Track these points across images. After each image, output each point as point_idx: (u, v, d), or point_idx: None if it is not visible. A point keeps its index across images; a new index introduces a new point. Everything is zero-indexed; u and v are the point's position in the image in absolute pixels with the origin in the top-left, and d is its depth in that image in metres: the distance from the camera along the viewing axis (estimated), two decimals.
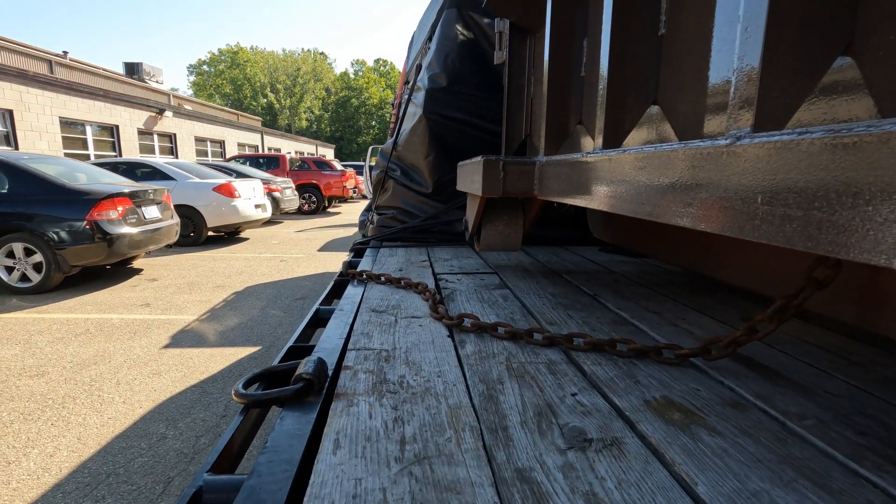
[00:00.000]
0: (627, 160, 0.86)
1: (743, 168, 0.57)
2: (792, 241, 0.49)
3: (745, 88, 0.63)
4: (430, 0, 3.32)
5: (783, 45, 0.59)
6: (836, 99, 0.57)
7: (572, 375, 0.91)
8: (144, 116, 15.57)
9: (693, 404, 0.80)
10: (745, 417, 0.75)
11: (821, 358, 1.04)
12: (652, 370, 0.94)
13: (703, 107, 0.82)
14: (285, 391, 0.76)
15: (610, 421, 0.73)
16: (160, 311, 4.68)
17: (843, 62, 0.57)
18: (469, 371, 0.92)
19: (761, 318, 0.85)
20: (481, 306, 1.40)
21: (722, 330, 1.22)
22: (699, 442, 0.68)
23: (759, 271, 1.17)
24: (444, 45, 2.61)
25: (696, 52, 0.85)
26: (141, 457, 2.42)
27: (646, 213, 0.79)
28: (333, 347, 1.03)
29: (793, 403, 0.81)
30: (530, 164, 1.46)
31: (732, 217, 0.58)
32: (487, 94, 2.55)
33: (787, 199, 0.50)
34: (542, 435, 0.69)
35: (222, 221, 8.67)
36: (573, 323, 1.26)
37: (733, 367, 0.97)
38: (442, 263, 2.06)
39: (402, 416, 0.73)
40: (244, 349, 3.82)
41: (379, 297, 1.46)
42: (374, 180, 2.93)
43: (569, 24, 1.42)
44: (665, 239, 1.58)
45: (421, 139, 2.60)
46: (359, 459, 0.61)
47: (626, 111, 1.06)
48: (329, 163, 16.53)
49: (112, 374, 3.33)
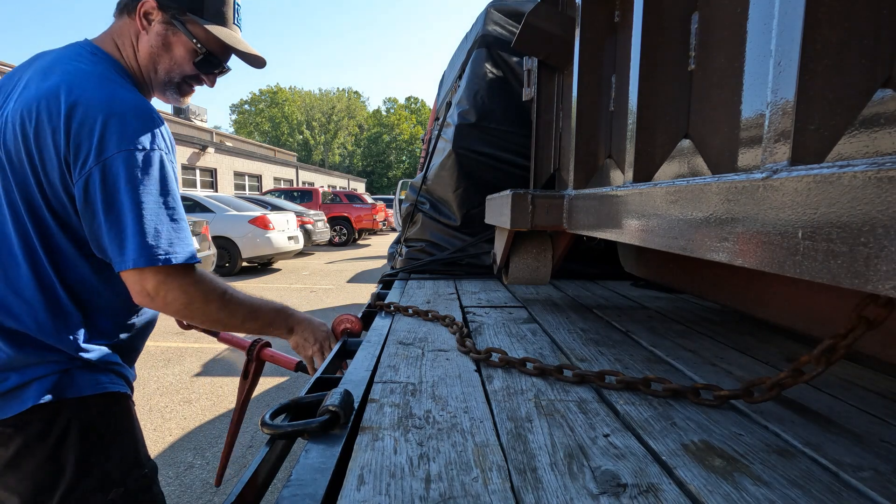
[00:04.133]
0: (659, 194, 0.85)
1: (781, 202, 0.55)
2: (837, 279, 0.47)
3: (780, 122, 0.62)
4: (461, 41, 3.45)
5: (819, 79, 0.58)
6: (879, 131, 0.55)
7: (604, 415, 0.88)
8: (189, 153, 16.45)
9: (735, 450, 0.75)
10: (794, 466, 0.70)
11: (876, 404, 0.97)
12: (689, 412, 0.90)
13: (736, 140, 0.81)
14: (311, 423, 0.76)
15: (645, 465, 0.70)
16: (193, 340, 4.80)
17: (884, 94, 0.56)
18: (497, 407, 0.90)
19: (807, 360, 0.80)
20: (509, 340, 1.38)
21: (764, 371, 1.16)
22: (743, 492, 0.63)
23: (805, 310, 1.11)
24: (473, 82, 2.68)
25: (728, 87, 0.84)
26: (168, 486, 2.43)
27: (679, 248, 0.77)
28: (360, 379, 1.02)
29: (846, 453, 0.75)
30: (559, 198, 1.46)
31: (772, 252, 0.56)
32: (516, 130, 2.59)
33: (830, 234, 0.48)
34: (573, 478, 0.66)
35: (256, 252, 8.93)
36: (605, 360, 1.22)
37: (778, 411, 0.91)
38: (470, 296, 2.05)
39: (428, 453, 0.71)
40: (272, 379, 3.85)
41: (406, 330, 1.46)
42: (403, 213, 2.98)
43: (597, 60, 1.44)
44: (701, 274, 1.53)
45: (450, 173, 2.64)
46: (383, 497, 0.60)
47: (657, 145, 1.05)
48: (360, 196, 16.96)
49: (145, 401, 3.40)
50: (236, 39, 1.05)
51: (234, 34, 1.06)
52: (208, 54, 1.04)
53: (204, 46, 1.02)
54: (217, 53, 1.06)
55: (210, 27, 1.01)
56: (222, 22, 1.05)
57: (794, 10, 0.59)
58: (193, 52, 1.02)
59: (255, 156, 21.81)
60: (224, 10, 1.04)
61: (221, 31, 1.03)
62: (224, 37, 1.03)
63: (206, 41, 1.02)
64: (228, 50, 1.07)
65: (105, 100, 0.88)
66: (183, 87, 1.08)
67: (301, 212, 11.72)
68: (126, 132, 0.87)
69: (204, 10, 1.01)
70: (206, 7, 1.01)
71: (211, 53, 1.04)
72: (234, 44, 1.04)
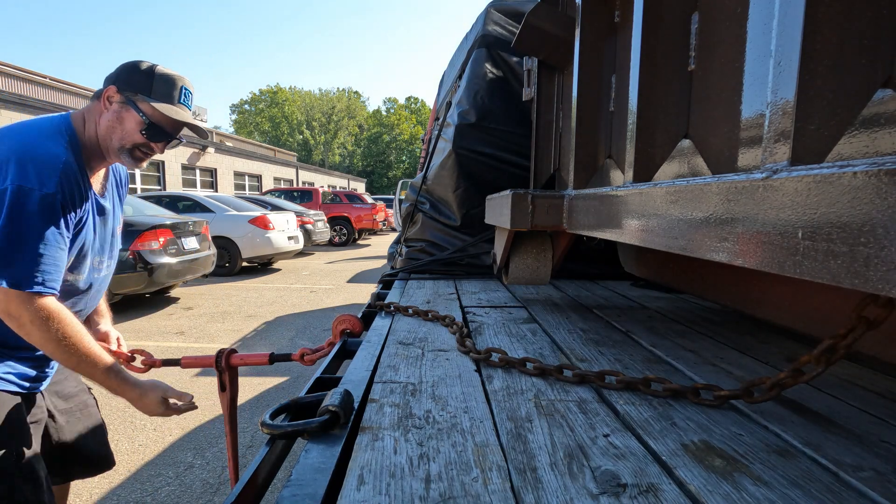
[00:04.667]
0: (659, 194, 0.85)
1: (781, 202, 0.55)
2: (838, 278, 0.47)
3: (780, 122, 0.62)
4: (461, 41, 3.45)
5: (819, 79, 0.58)
6: (879, 131, 0.55)
7: (604, 415, 0.88)
8: (188, 153, 16.45)
9: (735, 450, 0.75)
10: (794, 467, 0.70)
11: (876, 404, 0.97)
12: (689, 412, 0.90)
13: (736, 140, 0.81)
14: (311, 423, 0.76)
15: (645, 465, 0.70)
16: (193, 340, 4.80)
17: (883, 94, 0.56)
18: (496, 407, 0.90)
19: (808, 360, 0.80)
20: (509, 340, 1.38)
21: (764, 371, 1.16)
22: (743, 492, 0.63)
23: (805, 310, 1.11)
24: (473, 82, 2.68)
25: (728, 87, 0.84)
26: (168, 486, 2.43)
27: (679, 248, 0.77)
28: (360, 379, 1.02)
29: (847, 453, 0.75)
30: (559, 198, 1.46)
31: (771, 252, 0.56)
32: (515, 130, 2.59)
33: (830, 234, 0.48)
34: (573, 478, 0.66)
35: (256, 252, 8.92)
36: (605, 360, 1.22)
37: (778, 411, 0.91)
38: (470, 296, 2.05)
39: (428, 453, 0.71)
40: (272, 379, 3.85)
41: (406, 330, 1.46)
42: (403, 213, 2.98)
43: (597, 60, 1.44)
44: (701, 274, 1.53)
45: (450, 173, 2.64)
46: (382, 496, 0.60)
47: (657, 145, 1.05)
48: (360, 196, 16.95)
49: None
50: (177, 112, 1.30)
51: (178, 110, 1.31)
52: (152, 125, 1.28)
53: (147, 118, 1.27)
54: (161, 125, 1.29)
55: (156, 104, 1.26)
56: (168, 101, 1.30)
57: (794, 10, 0.59)
58: (140, 124, 1.27)
59: (255, 156, 21.81)
60: (172, 93, 1.31)
61: (165, 107, 1.28)
62: (165, 111, 1.27)
63: (151, 115, 1.27)
64: (172, 123, 1.31)
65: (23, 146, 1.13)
66: (135, 153, 1.30)
67: (301, 212, 11.71)
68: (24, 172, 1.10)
69: (152, 92, 1.28)
70: (154, 90, 1.28)
71: (154, 125, 1.28)
72: (172, 115, 1.28)
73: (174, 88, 1.31)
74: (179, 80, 1.33)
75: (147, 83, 1.27)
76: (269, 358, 1.51)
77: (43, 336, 1.15)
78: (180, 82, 1.33)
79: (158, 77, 1.29)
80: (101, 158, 1.31)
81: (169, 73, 1.31)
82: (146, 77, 1.28)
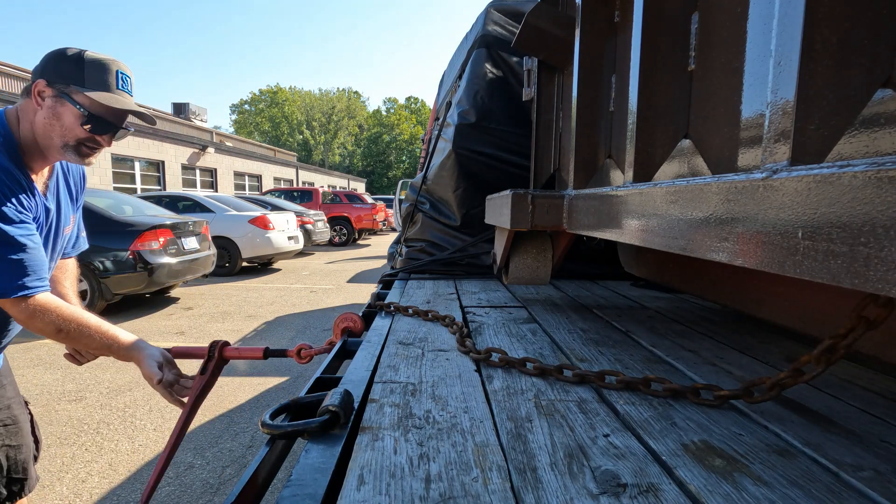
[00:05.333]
0: (659, 194, 0.85)
1: (781, 202, 0.55)
2: (837, 278, 0.47)
3: (780, 122, 0.62)
4: (461, 41, 3.45)
5: (819, 79, 0.58)
6: (879, 131, 0.55)
7: (604, 415, 0.88)
8: (188, 153, 16.45)
9: (735, 450, 0.75)
10: (794, 466, 0.70)
11: (876, 404, 0.97)
12: (689, 412, 0.90)
13: (736, 140, 0.81)
14: (311, 423, 0.76)
15: (645, 465, 0.70)
16: (193, 340, 4.80)
17: (883, 94, 0.56)
18: (497, 407, 0.90)
19: (807, 359, 0.80)
20: (509, 340, 1.38)
21: (764, 371, 1.16)
22: (743, 492, 0.63)
23: (805, 310, 1.12)
24: (473, 82, 2.68)
25: (728, 87, 0.84)
26: (168, 486, 2.43)
27: (679, 248, 0.77)
28: (360, 379, 1.02)
29: (847, 453, 0.75)
30: (559, 198, 1.46)
31: (772, 252, 0.56)
32: (515, 130, 2.59)
33: (830, 234, 0.48)
34: (573, 478, 0.66)
35: (256, 252, 8.92)
36: (605, 360, 1.22)
37: (778, 411, 0.91)
38: (470, 296, 2.05)
39: (428, 453, 0.71)
40: (272, 379, 3.85)
41: (406, 330, 1.46)
42: (403, 213, 2.98)
43: (597, 60, 1.44)
44: (701, 274, 1.53)
45: (450, 173, 2.64)
46: (382, 496, 0.60)
47: (657, 145, 1.05)
48: (360, 196, 16.95)
49: (145, 401, 3.40)
50: (117, 100, 1.20)
51: (118, 97, 1.22)
52: (92, 116, 1.19)
53: (86, 110, 1.18)
54: (103, 116, 1.21)
55: (93, 94, 1.17)
56: (105, 89, 1.20)
57: (794, 10, 0.59)
58: (79, 117, 1.18)
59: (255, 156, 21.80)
60: (107, 79, 1.21)
61: (104, 95, 1.19)
62: (105, 100, 1.18)
63: (90, 106, 1.18)
64: (114, 112, 1.22)
65: None
66: (81, 149, 1.22)
67: (301, 212, 11.70)
68: None
69: (86, 81, 1.18)
70: (86, 78, 1.18)
71: (95, 116, 1.19)
72: (113, 104, 1.19)
73: (109, 74, 1.21)
74: (113, 65, 1.23)
75: (78, 72, 1.17)
76: (263, 352, 1.49)
77: (42, 328, 1.18)
78: (114, 66, 1.23)
79: (89, 63, 1.18)
80: (41, 158, 1.24)
81: (100, 58, 1.21)
82: (76, 65, 1.17)
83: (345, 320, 1.51)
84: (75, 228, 1.49)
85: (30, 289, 1.14)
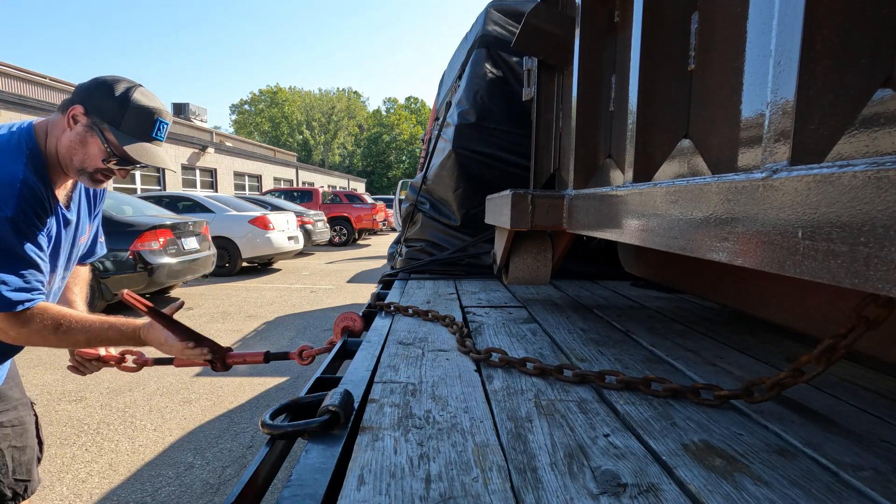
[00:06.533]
0: (659, 193, 0.85)
1: (781, 202, 0.55)
2: (837, 278, 0.47)
3: (780, 122, 0.62)
4: (461, 41, 3.45)
5: (819, 79, 0.58)
6: (879, 131, 0.55)
7: (604, 415, 0.88)
8: (188, 153, 16.44)
9: (735, 450, 0.75)
10: (794, 466, 0.70)
11: (876, 404, 0.97)
12: (689, 412, 0.90)
13: (736, 140, 0.81)
14: (311, 423, 0.76)
15: (645, 465, 0.70)
16: None
17: (883, 94, 0.56)
18: (497, 407, 0.90)
19: (808, 359, 0.80)
20: (509, 340, 1.38)
21: (764, 371, 1.16)
22: (743, 492, 0.63)
23: (805, 309, 1.12)
24: (473, 82, 2.68)
25: (728, 87, 0.84)
26: (168, 486, 2.43)
27: (679, 248, 0.77)
28: (360, 379, 1.02)
29: (847, 453, 0.75)
30: (559, 198, 1.46)
31: (771, 252, 0.56)
32: (515, 130, 2.59)
33: (830, 234, 0.48)
34: (573, 478, 0.66)
35: (256, 252, 8.92)
36: (605, 360, 1.22)
37: (778, 410, 0.91)
38: (470, 296, 2.05)
39: (428, 453, 0.71)
40: (272, 379, 3.85)
41: (406, 330, 1.46)
42: (403, 213, 2.98)
43: (597, 60, 1.44)
44: (701, 274, 1.53)
45: (450, 173, 2.64)
46: (383, 497, 0.60)
47: (657, 145, 1.05)
48: (360, 196, 16.95)
49: (145, 402, 3.40)
50: (144, 154, 1.21)
51: (146, 147, 1.22)
52: (116, 155, 1.20)
53: (113, 152, 1.19)
54: (127, 158, 1.21)
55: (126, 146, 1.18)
56: (139, 137, 1.21)
57: (794, 10, 0.59)
58: (103, 153, 1.19)
59: (254, 156, 21.79)
60: (145, 129, 1.21)
61: (135, 148, 1.20)
62: (134, 153, 1.19)
63: (116, 148, 1.19)
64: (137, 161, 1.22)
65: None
66: (95, 175, 1.23)
67: (301, 212, 11.70)
68: None
69: (123, 125, 1.18)
70: (125, 122, 1.18)
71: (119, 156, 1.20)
72: (139, 158, 1.20)
73: (148, 123, 1.21)
74: (156, 114, 1.23)
75: (119, 113, 1.17)
76: (264, 356, 1.50)
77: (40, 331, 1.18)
78: (156, 115, 1.23)
79: (133, 109, 1.19)
80: (63, 172, 1.25)
81: (146, 106, 1.21)
82: (119, 107, 1.18)
83: (344, 319, 1.51)
84: (92, 237, 1.51)
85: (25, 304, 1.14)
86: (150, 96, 1.24)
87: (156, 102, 1.24)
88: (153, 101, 1.23)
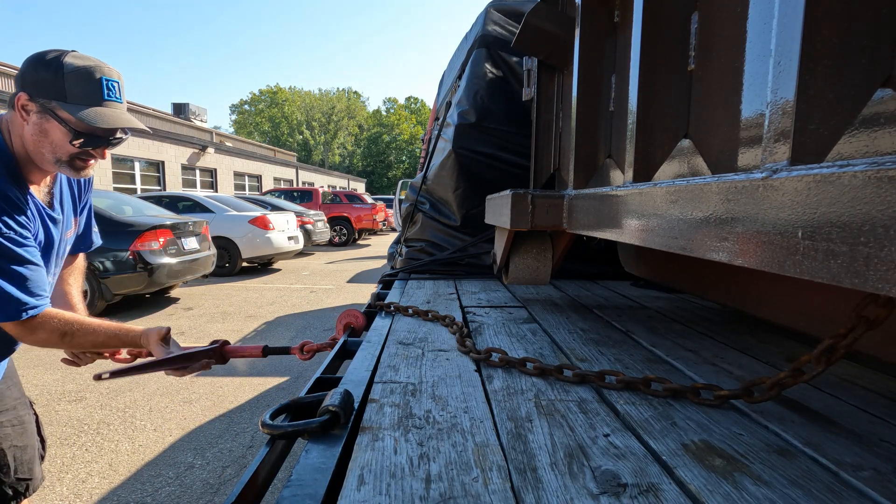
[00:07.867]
0: (659, 193, 0.85)
1: (781, 201, 0.55)
2: (837, 278, 0.47)
3: (780, 122, 0.62)
4: (461, 41, 3.45)
5: (819, 79, 0.58)
6: (879, 131, 0.55)
7: (604, 415, 0.88)
8: (188, 153, 16.44)
9: (735, 450, 0.75)
10: (794, 466, 0.70)
11: (876, 403, 0.97)
12: (689, 412, 0.90)
13: (736, 140, 0.81)
14: (311, 423, 0.76)
15: (645, 465, 0.70)
16: (193, 340, 4.79)
17: (883, 94, 0.56)
18: (497, 407, 0.90)
19: (808, 359, 0.80)
20: (509, 340, 1.38)
21: (764, 371, 1.16)
22: (743, 492, 0.63)
23: (805, 309, 1.12)
24: (473, 82, 2.68)
25: (728, 86, 0.84)
26: (168, 486, 2.43)
27: (679, 248, 0.77)
28: (360, 379, 1.02)
29: (847, 452, 0.75)
30: (559, 198, 1.46)
31: (771, 252, 0.56)
32: (515, 130, 2.59)
33: (830, 234, 0.48)
34: (574, 478, 0.66)
35: (256, 252, 8.92)
36: (605, 360, 1.22)
37: (778, 410, 0.91)
38: (470, 296, 2.05)
39: (428, 453, 0.71)
40: (272, 379, 3.85)
41: (406, 330, 1.46)
42: (403, 213, 2.98)
43: (597, 60, 1.44)
44: (701, 274, 1.53)
45: (450, 173, 2.64)
46: (383, 497, 0.60)
47: (657, 145, 1.05)
48: (360, 196, 16.95)
49: (145, 402, 3.40)
50: (105, 118, 1.09)
51: (102, 112, 1.10)
52: (80, 134, 1.09)
53: (74, 129, 1.08)
54: (92, 132, 1.10)
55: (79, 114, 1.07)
56: (90, 102, 1.09)
57: (794, 10, 0.59)
58: (67, 135, 1.08)
59: (254, 156, 21.79)
60: (91, 91, 1.09)
61: (88, 114, 1.08)
62: (91, 119, 1.07)
63: (76, 125, 1.08)
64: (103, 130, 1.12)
65: None
66: (75, 162, 1.14)
67: (301, 212, 11.69)
68: None
69: (67, 95, 1.07)
70: (68, 92, 1.06)
71: (83, 133, 1.09)
72: (99, 123, 1.07)
73: (92, 84, 1.09)
74: (97, 71, 1.10)
75: (58, 84, 1.06)
76: (262, 350, 1.50)
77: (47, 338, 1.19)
78: (98, 73, 1.10)
79: (69, 74, 1.06)
80: (39, 169, 1.17)
81: (81, 66, 1.08)
82: (54, 75, 1.06)
83: (347, 316, 1.53)
84: (80, 229, 1.48)
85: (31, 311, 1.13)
86: (83, 57, 1.12)
87: (90, 61, 1.12)
88: (87, 60, 1.12)
